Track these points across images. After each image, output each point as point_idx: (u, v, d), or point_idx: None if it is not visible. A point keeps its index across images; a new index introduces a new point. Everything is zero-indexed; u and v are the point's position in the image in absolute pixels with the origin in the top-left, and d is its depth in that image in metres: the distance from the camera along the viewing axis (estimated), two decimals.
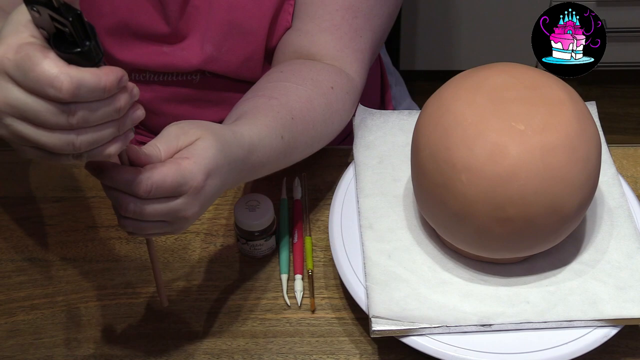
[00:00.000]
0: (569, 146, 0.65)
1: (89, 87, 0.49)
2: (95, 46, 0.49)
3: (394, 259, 0.74)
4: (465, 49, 1.91)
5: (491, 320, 0.70)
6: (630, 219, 0.77)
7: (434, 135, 0.69)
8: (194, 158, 0.60)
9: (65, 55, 0.49)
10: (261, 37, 0.86)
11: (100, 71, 0.50)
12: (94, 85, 0.49)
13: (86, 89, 0.49)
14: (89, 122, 0.51)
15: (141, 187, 0.57)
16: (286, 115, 0.73)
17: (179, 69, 0.89)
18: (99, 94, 0.50)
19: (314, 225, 0.83)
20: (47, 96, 0.49)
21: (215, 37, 0.86)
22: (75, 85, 0.48)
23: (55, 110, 0.50)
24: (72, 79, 0.48)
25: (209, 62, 0.88)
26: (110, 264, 0.80)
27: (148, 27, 0.86)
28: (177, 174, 0.58)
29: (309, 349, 0.73)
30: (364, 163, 0.83)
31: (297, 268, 0.79)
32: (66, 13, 0.47)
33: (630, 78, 2.05)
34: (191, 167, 0.59)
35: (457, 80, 0.72)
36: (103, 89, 0.50)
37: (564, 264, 0.74)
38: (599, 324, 0.69)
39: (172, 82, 0.92)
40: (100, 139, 0.52)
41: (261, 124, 0.70)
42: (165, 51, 0.88)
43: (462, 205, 0.67)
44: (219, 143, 0.62)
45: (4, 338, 0.75)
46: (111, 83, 0.50)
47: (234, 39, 0.86)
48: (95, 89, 0.49)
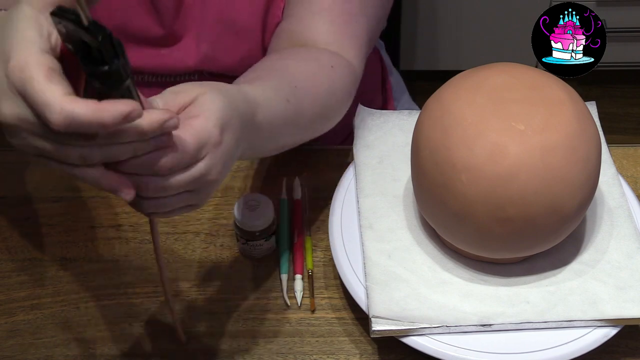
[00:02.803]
0: (569, 146, 0.65)
1: (81, 121, 0.46)
2: (124, 64, 0.47)
3: (394, 259, 0.74)
4: (465, 49, 1.91)
5: (491, 320, 0.70)
6: (630, 219, 0.77)
7: (434, 135, 0.69)
8: (203, 115, 0.55)
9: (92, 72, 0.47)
10: (256, 35, 0.86)
11: (99, 106, 0.47)
12: (87, 120, 0.46)
13: (78, 122, 0.46)
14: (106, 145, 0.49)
15: (162, 164, 0.53)
16: (290, 83, 0.71)
17: (176, 70, 0.89)
18: (95, 129, 0.47)
19: (314, 225, 0.83)
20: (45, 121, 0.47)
21: (209, 37, 0.86)
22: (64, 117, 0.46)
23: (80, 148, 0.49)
24: (62, 110, 0.46)
25: (206, 62, 0.88)
26: (110, 264, 0.80)
27: (143, 31, 0.86)
28: (193, 136, 0.54)
29: (309, 349, 0.73)
30: (364, 163, 0.83)
31: (297, 268, 0.79)
32: (95, 31, 0.45)
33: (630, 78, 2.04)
34: (204, 123, 0.55)
35: (457, 80, 0.72)
36: (99, 125, 0.47)
37: (564, 264, 0.74)
38: (599, 324, 0.69)
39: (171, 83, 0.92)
40: (115, 156, 0.50)
41: (265, 86, 0.67)
42: (162, 53, 0.88)
43: (462, 205, 0.67)
44: (223, 96, 0.58)
45: (4, 338, 0.75)
46: (110, 121, 0.47)
47: (229, 38, 0.86)
48: (89, 124, 0.46)
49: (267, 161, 0.90)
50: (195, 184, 0.55)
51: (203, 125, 0.54)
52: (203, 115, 0.55)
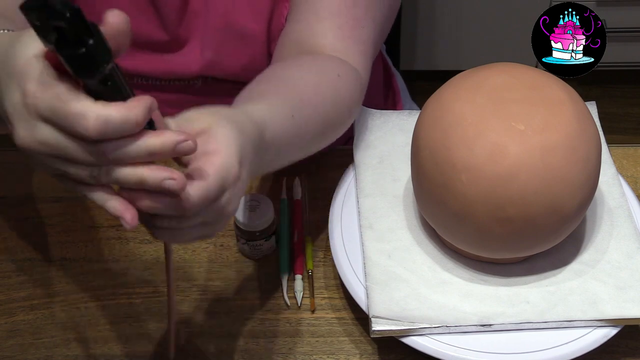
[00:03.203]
0: (569, 146, 0.65)
1: (117, 122, 0.47)
2: (100, 44, 0.46)
3: (394, 259, 0.74)
4: (465, 49, 1.91)
5: (491, 320, 0.70)
6: (630, 219, 0.77)
7: (434, 135, 0.69)
8: (223, 150, 0.55)
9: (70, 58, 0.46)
10: (260, 41, 0.86)
11: (127, 105, 0.48)
12: (122, 120, 0.47)
13: (114, 125, 0.47)
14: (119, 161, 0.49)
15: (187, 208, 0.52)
16: (294, 97, 0.71)
17: (179, 75, 0.89)
18: (130, 128, 0.48)
19: (314, 225, 0.83)
20: (74, 134, 0.48)
21: (213, 43, 0.86)
22: (101, 123, 0.47)
23: (83, 148, 0.48)
24: (98, 117, 0.47)
25: (210, 68, 0.88)
26: (110, 264, 0.80)
27: (147, 36, 0.86)
28: (216, 174, 0.53)
29: (309, 349, 0.73)
30: (364, 163, 0.83)
31: (297, 268, 0.79)
32: (63, 10, 0.45)
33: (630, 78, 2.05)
34: (225, 160, 0.54)
35: (457, 80, 0.72)
36: (134, 123, 0.48)
37: (564, 264, 0.74)
38: (599, 324, 0.69)
39: (174, 87, 0.92)
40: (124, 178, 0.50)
41: (269, 102, 0.67)
42: (166, 58, 0.88)
43: (462, 205, 0.67)
44: (236, 126, 0.58)
45: (4, 338, 0.75)
46: (140, 115, 0.48)
47: (233, 44, 0.86)
48: (124, 124, 0.47)
49: None
50: (213, 217, 0.55)
51: (224, 162, 0.54)
52: (223, 152, 0.55)
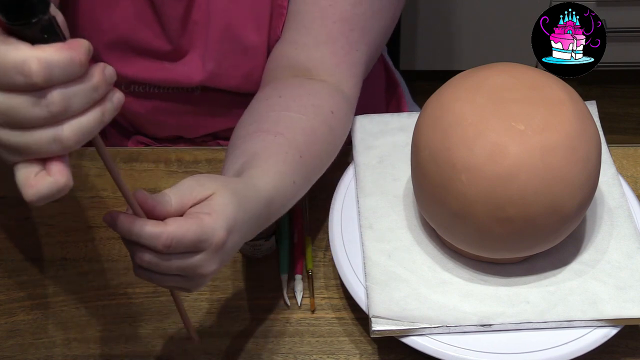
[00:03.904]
0: (569, 146, 0.65)
1: (60, 64, 0.43)
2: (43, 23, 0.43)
3: (394, 259, 0.74)
4: (465, 49, 1.91)
5: (491, 320, 0.70)
6: (630, 219, 0.77)
7: (434, 135, 0.69)
8: (215, 214, 0.57)
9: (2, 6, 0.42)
10: (261, 52, 0.86)
11: (67, 44, 0.44)
12: (66, 61, 0.44)
13: (58, 67, 0.43)
14: (71, 107, 0.45)
15: (160, 241, 0.54)
16: (295, 155, 0.71)
17: (180, 83, 0.89)
18: (75, 69, 0.44)
19: (314, 225, 0.83)
20: (17, 87, 0.43)
21: (215, 55, 0.86)
22: (45, 66, 0.43)
23: (31, 101, 0.44)
24: (40, 60, 0.43)
25: (210, 79, 0.88)
26: (110, 264, 0.80)
27: (148, 44, 0.87)
28: (198, 229, 0.55)
29: (309, 349, 0.73)
30: (364, 163, 0.83)
31: (297, 268, 0.79)
32: None
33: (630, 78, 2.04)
34: (212, 223, 0.56)
35: (457, 80, 0.72)
36: (78, 62, 0.44)
37: (564, 264, 0.74)
38: (599, 324, 0.69)
39: (173, 95, 0.92)
40: (87, 128, 0.46)
41: (275, 171, 0.68)
42: (167, 67, 0.88)
43: (462, 205, 0.67)
44: (238, 199, 0.59)
45: (4, 338, 0.75)
46: (82, 54, 0.44)
47: (235, 56, 0.86)
48: (68, 65, 0.44)
49: None
50: (187, 272, 0.57)
51: (211, 224, 0.56)
52: (215, 215, 0.56)
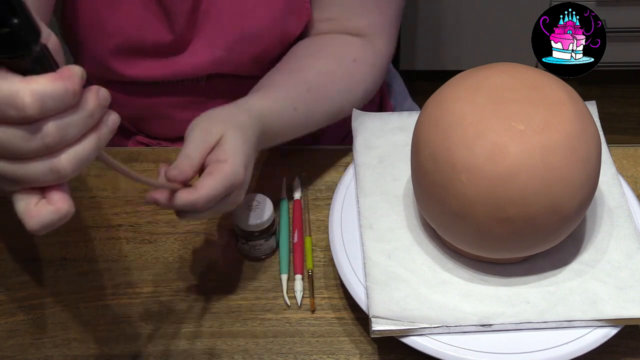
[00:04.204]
0: (569, 146, 0.65)
1: (54, 95, 0.43)
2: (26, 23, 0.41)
3: (394, 259, 0.74)
4: (465, 49, 1.91)
5: (491, 320, 0.70)
6: (630, 219, 0.77)
7: (434, 135, 0.69)
8: (231, 159, 0.65)
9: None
10: (273, 36, 0.87)
11: (60, 74, 0.43)
12: (59, 92, 0.43)
13: (52, 98, 0.43)
14: (66, 137, 0.44)
15: (198, 205, 0.63)
16: (302, 88, 0.80)
17: (187, 75, 0.90)
18: (69, 99, 0.44)
19: (314, 225, 0.83)
20: (11, 120, 0.43)
21: (226, 43, 0.87)
22: (38, 99, 0.42)
23: (26, 134, 0.43)
24: (33, 92, 0.42)
25: (219, 66, 0.88)
26: (110, 264, 0.80)
27: (154, 42, 0.87)
28: (223, 181, 0.64)
29: (309, 349, 0.73)
30: (364, 163, 0.83)
31: (297, 268, 0.79)
32: None
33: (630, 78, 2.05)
34: (232, 169, 0.65)
35: (457, 80, 0.72)
36: (72, 92, 0.44)
37: (564, 264, 0.74)
38: (599, 324, 0.69)
39: (179, 87, 0.92)
40: (83, 156, 0.46)
41: (273, 97, 0.77)
42: (173, 61, 0.88)
43: (462, 205, 0.67)
44: (243, 132, 0.68)
45: (4, 338, 0.75)
46: (76, 83, 0.44)
47: (244, 45, 0.87)
48: (62, 95, 0.43)
49: (267, 161, 0.90)
50: (223, 209, 0.67)
51: (231, 170, 0.65)
52: (231, 159, 0.65)
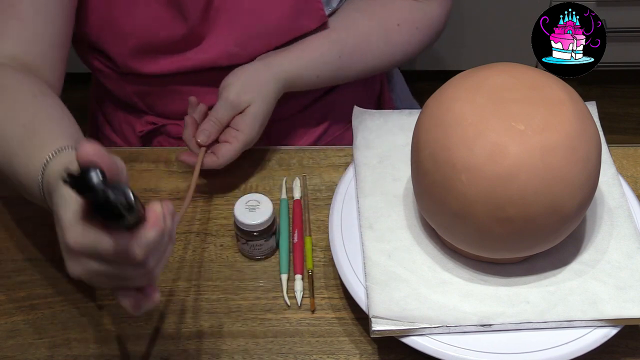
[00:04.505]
0: (569, 146, 0.65)
1: (155, 241, 0.54)
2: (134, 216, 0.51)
3: (394, 259, 0.74)
4: (465, 49, 1.91)
5: (491, 320, 0.70)
6: (630, 219, 0.77)
7: (434, 135, 0.68)
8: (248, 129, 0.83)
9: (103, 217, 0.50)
10: (286, 32, 0.89)
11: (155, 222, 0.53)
12: (158, 237, 0.54)
13: (154, 243, 0.54)
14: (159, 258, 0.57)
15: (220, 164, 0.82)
16: (334, 55, 0.89)
17: (202, 68, 0.90)
18: (165, 239, 0.56)
19: (314, 225, 0.83)
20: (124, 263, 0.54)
21: (240, 38, 0.88)
22: (145, 248, 0.53)
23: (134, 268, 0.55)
24: (141, 245, 0.53)
25: (232, 59, 0.89)
26: None
27: (168, 38, 0.87)
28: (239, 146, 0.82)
29: (309, 349, 0.73)
30: (364, 163, 0.83)
31: (297, 268, 0.79)
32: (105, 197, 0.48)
33: (630, 78, 2.04)
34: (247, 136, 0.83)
35: (457, 80, 0.72)
36: (167, 233, 0.56)
37: (564, 264, 0.74)
38: (599, 324, 0.69)
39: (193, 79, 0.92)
40: (167, 260, 0.60)
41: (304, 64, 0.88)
42: (187, 56, 0.89)
43: (462, 205, 0.67)
44: (266, 104, 0.84)
45: (4, 338, 0.75)
46: (166, 224, 0.55)
47: (259, 38, 0.89)
48: (160, 238, 0.54)
49: (267, 161, 0.90)
50: None
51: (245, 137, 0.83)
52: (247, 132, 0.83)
